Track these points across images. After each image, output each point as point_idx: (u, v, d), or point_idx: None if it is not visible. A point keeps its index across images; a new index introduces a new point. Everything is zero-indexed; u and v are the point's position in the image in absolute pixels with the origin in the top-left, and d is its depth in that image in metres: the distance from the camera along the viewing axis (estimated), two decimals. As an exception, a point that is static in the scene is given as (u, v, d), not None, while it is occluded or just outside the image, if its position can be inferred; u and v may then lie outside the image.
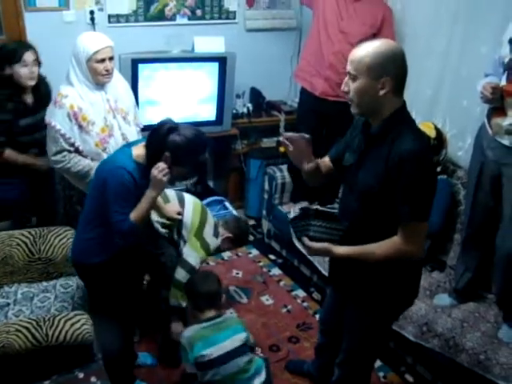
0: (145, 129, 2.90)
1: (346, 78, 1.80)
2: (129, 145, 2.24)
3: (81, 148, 2.58)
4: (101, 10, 3.52)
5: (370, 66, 1.70)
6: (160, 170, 2.04)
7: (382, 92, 1.73)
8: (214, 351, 2.29)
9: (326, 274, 3.06)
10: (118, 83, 2.72)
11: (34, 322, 2.20)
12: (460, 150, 3.20)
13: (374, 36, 3.22)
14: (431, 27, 3.29)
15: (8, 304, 2.52)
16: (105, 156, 2.55)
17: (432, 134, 2.93)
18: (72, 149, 2.57)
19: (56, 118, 2.53)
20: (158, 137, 2.06)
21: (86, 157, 2.61)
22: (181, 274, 2.60)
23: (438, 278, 2.99)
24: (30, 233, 2.71)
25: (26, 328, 2.17)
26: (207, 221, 2.75)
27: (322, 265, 3.19)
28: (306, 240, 1.89)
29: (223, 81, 3.69)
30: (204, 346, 2.30)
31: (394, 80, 1.72)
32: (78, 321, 2.24)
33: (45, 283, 2.68)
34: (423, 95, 3.38)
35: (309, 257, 3.30)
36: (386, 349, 2.92)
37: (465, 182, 3.04)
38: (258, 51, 4.00)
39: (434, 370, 2.71)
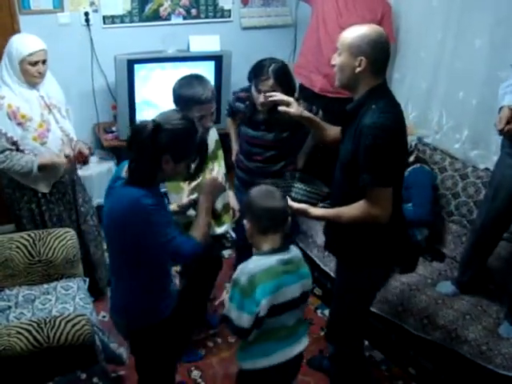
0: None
1: (336, 53, 2.01)
2: (116, 180, 1.94)
3: (20, 144, 2.64)
4: (95, 11, 3.53)
5: (350, 45, 1.94)
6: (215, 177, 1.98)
7: (358, 69, 1.94)
8: (274, 298, 1.89)
9: (326, 269, 3.09)
10: (49, 81, 2.77)
11: (35, 324, 2.20)
12: (457, 142, 3.19)
13: None
14: (425, 20, 3.30)
15: (9, 307, 2.52)
16: (44, 150, 2.67)
17: None
18: (13, 147, 2.64)
19: None
20: (147, 146, 1.80)
21: (23, 151, 2.65)
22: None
23: (438, 267, 2.99)
24: (29, 235, 2.71)
25: (27, 330, 2.17)
26: None
27: (322, 260, 3.20)
28: (288, 199, 2.05)
29: (219, 79, 3.69)
30: (270, 289, 1.88)
31: (369, 61, 1.92)
32: (79, 322, 2.24)
33: (46, 285, 2.69)
34: (419, 88, 3.38)
35: (309, 253, 3.30)
36: (388, 341, 2.93)
37: (463, 174, 3.05)
38: (254, 49, 3.98)
39: (436, 362, 2.71)
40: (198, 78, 2.40)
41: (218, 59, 3.64)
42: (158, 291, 2.04)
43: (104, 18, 3.57)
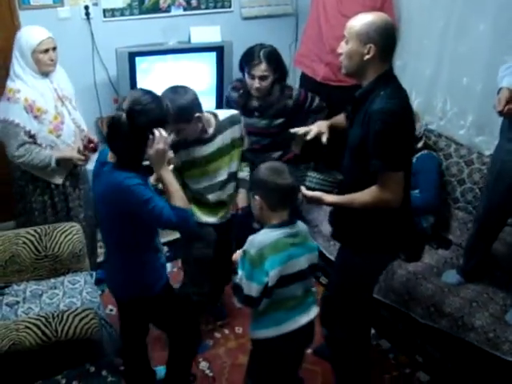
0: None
1: (342, 42, 2.04)
2: (102, 165, 2.01)
3: (37, 138, 2.71)
4: (95, 4, 3.50)
5: (357, 33, 1.96)
6: (159, 142, 1.90)
7: (367, 57, 1.97)
8: (282, 269, 1.96)
9: (332, 257, 3.09)
10: (59, 73, 2.85)
11: (43, 319, 2.22)
12: (462, 128, 3.17)
13: None
14: (428, 5, 3.26)
15: (17, 302, 2.54)
16: (59, 142, 2.75)
17: None
18: (31, 140, 2.70)
19: (14, 114, 2.64)
20: (127, 136, 1.87)
21: (40, 145, 2.72)
22: None
23: (444, 254, 2.98)
24: (35, 231, 2.72)
25: (36, 325, 2.19)
26: None
27: (328, 250, 3.20)
28: (302, 188, 2.11)
29: (221, 70, 3.67)
30: (278, 261, 1.95)
31: (378, 48, 1.95)
32: (87, 315, 2.25)
33: (53, 280, 2.70)
34: (422, 75, 3.35)
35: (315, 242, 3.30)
36: (395, 330, 2.94)
37: (468, 161, 3.04)
38: (255, 39, 3.91)
39: (443, 350, 2.72)
40: (169, 93, 2.37)
41: (219, 50, 3.62)
42: (146, 267, 2.13)
43: (104, 11, 3.54)
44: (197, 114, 2.38)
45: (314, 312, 2.14)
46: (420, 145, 2.98)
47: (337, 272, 2.42)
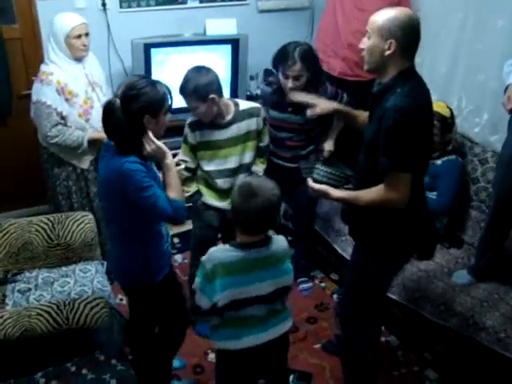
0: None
1: (365, 37, 2.01)
2: (107, 148, 2.04)
3: (67, 121, 2.80)
4: (112, -5, 3.52)
5: (380, 28, 1.92)
6: (149, 144, 1.93)
7: (387, 52, 1.92)
8: (235, 294, 1.89)
9: (343, 253, 3.08)
10: (91, 59, 2.95)
11: (55, 306, 2.24)
12: (477, 126, 3.14)
13: None
14: (446, 0, 3.22)
15: (29, 289, 2.57)
16: (88, 127, 2.82)
17: (447, 113, 2.89)
18: (63, 121, 2.79)
19: (46, 95, 2.73)
20: (122, 121, 1.89)
21: (71, 128, 2.81)
22: None
23: (456, 254, 2.96)
24: (48, 219, 2.75)
25: (47, 312, 2.21)
26: None
27: (340, 245, 3.19)
28: (309, 180, 2.13)
29: (236, 63, 3.67)
30: (229, 284, 1.88)
31: (399, 44, 1.90)
32: (98, 304, 2.28)
33: (64, 268, 2.73)
34: (438, 72, 3.31)
35: (326, 237, 3.30)
36: (404, 327, 2.93)
37: (482, 159, 3.01)
38: (270, 32, 3.95)
39: (452, 349, 2.70)
40: (191, 70, 2.55)
41: (234, 43, 3.62)
42: (149, 254, 2.11)
43: (120, 1, 3.55)
44: (211, 96, 2.44)
45: (275, 332, 2.02)
46: (449, 147, 2.93)
47: (351, 271, 2.39)
